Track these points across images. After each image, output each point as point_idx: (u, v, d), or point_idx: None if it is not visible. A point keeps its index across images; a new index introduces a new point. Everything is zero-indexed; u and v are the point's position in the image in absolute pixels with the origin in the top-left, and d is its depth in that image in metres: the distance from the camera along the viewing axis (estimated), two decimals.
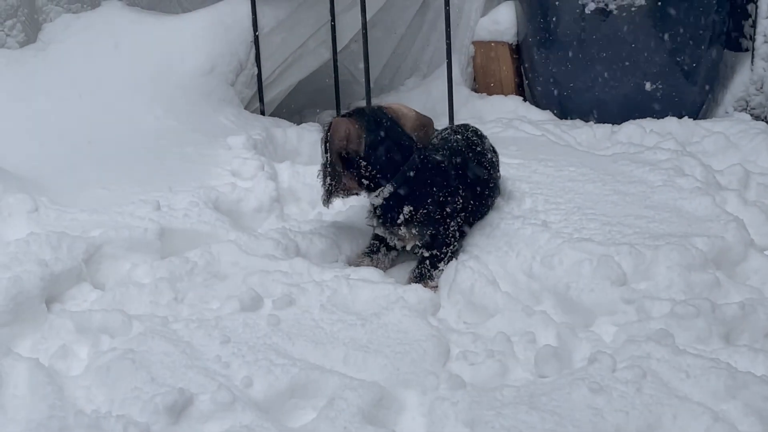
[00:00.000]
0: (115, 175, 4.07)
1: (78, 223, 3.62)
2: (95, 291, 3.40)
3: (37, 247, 3.37)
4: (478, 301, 3.35)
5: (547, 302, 3.37)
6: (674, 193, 3.87)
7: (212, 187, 4.05)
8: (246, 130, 4.62)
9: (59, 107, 4.50)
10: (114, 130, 4.45)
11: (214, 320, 3.12)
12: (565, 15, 5.11)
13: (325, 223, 3.95)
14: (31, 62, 4.67)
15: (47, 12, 4.86)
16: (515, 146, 4.46)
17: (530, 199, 3.86)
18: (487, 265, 3.51)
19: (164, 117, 4.63)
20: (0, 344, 2.96)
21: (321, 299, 3.26)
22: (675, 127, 4.85)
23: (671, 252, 3.36)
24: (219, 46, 4.99)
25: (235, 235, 3.76)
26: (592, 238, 3.52)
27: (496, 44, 5.56)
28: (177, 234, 3.70)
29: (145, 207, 3.75)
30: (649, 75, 5.08)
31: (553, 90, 5.31)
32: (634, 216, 3.70)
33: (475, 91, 5.64)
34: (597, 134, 4.86)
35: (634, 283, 3.32)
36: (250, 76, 5.14)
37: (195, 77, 4.88)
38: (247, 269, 3.49)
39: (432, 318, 3.25)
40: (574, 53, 5.16)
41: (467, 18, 5.63)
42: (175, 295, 3.33)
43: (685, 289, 3.27)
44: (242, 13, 5.09)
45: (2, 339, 3.02)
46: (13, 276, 3.16)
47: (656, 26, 5.01)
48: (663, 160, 4.23)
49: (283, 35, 5.21)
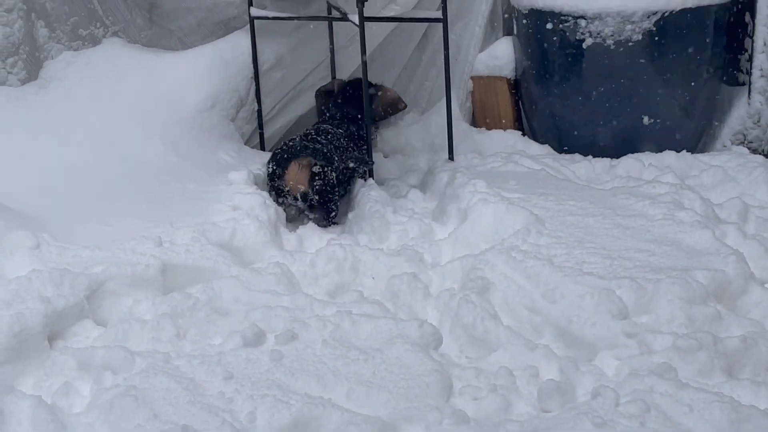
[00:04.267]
0: (116, 211, 4.08)
1: (80, 260, 3.63)
2: (97, 327, 3.41)
3: (39, 284, 3.38)
4: (480, 336, 3.36)
5: (549, 336, 3.38)
6: (674, 227, 3.89)
7: (214, 222, 4.07)
8: (247, 166, 4.64)
9: (60, 144, 4.51)
10: (115, 167, 4.46)
11: (217, 356, 3.12)
12: (562, 50, 5.14)
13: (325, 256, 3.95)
14: (32, 99, 4.69)
15: (48, 49, 4.88)
16: (515, 180, 4.48)
17: (531, 233, 3.87)
18: (488, 300, 3.52)
19: (165, 153, 4.64)
20: (2, 382, 2.96)
21: (323, 334, 3.26)
22: (673, 161, 4.87)
23: (672, 285, 3.38)
24: (219, 83, 5.02)
25: (237, 270, 3.77)
26: (593, 271, 3.54)
27: (495, 79, 5.59)
28: (179, 270, 3.71)
29: (146, 243, 3.77)
30: (647, 109, 5.11)
31: (551, 124, 5.34)
32: (635, 249, 3.71)
33: (474, 126, 5.67)
34: (596, 168, 4.89)
35: (636, 317, 3.33)
36: (251, 111, 5.16)
37: (196, 113, 4.90)
38: (250, 305, 3.50)
39: (434, 352, 3.25)
40: (571, 88, 5.19)
41: (465, 53, 5.66)
42: (178, 331, 3.34)
43: (686, 323, 3.29)
44: (242, 49, 5.12)
45: (5, 376, 3.02)
46: (15, 313, 3.16)
47: (653, 61, 5.04)
48: (662, 194, 4.25)
49: (283, 71, 5.24)
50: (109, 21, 5.08)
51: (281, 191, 4.42)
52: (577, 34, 5.05)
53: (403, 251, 4.02)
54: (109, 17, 5.08)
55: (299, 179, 4.37)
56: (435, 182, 4.74)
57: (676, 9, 4.95)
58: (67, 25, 4.93)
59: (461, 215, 4.22)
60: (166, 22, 5.24)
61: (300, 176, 4.37)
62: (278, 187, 4.42)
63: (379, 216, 4.31)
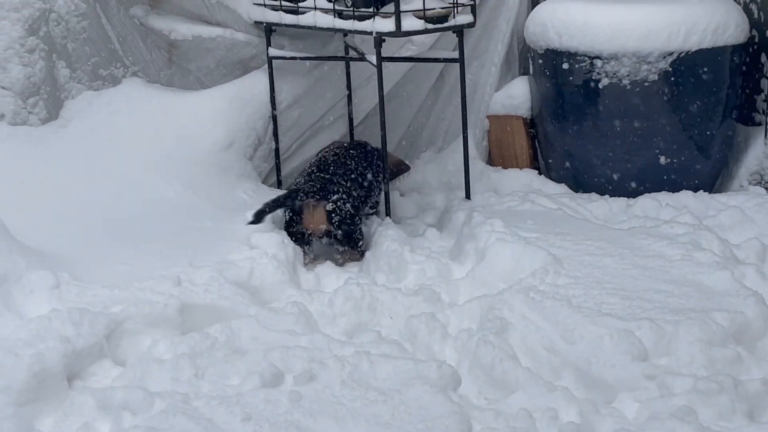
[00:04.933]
0: (135, 250, 4.10)
1: (99, 299, 3.64)
2: (116, 367, 3.41)
3: (59, 324, 3.39)
4: (498, 377, 3.35)
5: (569, 377, 3.36)
6: (693, 268, 3.88)
7: (232, 261, 4.08)
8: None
9: (80, 183, 4.54)
10: (134, 206, 4.50)
11: (235, 397, 3.12)
12: (578, 89, 5.16)
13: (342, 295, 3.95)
14: (52, 139, 4.73)
15: (69, 89, 4.93)
16: (532, 220, 4.49)
17: (549, 273, 3.87)
18: (507, 340, 3.51)
19: (184, 192, 4.67)
20: (22, 422, 2.96)
21: (342, 375, 3.26)
22: (690, 201, 4.87)
23: (692, 327, 3.37)
24: (237, 121, 5.06)
25: (255, 310, 3.78)
26: (612, 312, 3.53)
27: (511, 118, 5.61)
28: (197, 309, 3.72)
29: (165, 282, 3.78)
30: (663, 149, 5.12)
31: (567, 163, 5.35)
32: (654, 290, 3.71)
33: (490, 165, 5.68)
34: (613, 208, 4.89)
35: (655, 359, 3.32)
36: (268, 150, 5.19)
37: (214, 152, 4.94)
38: (268, 344, 3.50)
39: (453, 393, 3.24)
40: (588, 127, 5.20)
41: (482, 92, 5.69)
42: (196, 371, 3.33)
43: (706, 365, 3.27)
44: (260, 88, 5.16)
45: (25, 417, 3.02)
46: (35, 353, 3.17)
47: (669, 101, 5.06)
48: (680, 234, 4.25)
49: (300, 110, 5.28)
50: (129, 61, 5.13)
51: (303, 235, 4.47)
52: (593, 74, 5.07)
53: (420, 291, 4.02)
54: (129, 57, 5.13)
55: (318, 220, 4.43)
56: (452, 221, 4.75)
57: (692, 49, 4.97)
58: (88, 66, 4.98)
59: (478, 254, 4.22)
60: (185, 62, 5.29)
61: (317, 217, 4.43)
62: (298, 232, 4.47)
63: (397, 255, 4.31)
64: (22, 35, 4.74)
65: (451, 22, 4.70)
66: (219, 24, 5.19)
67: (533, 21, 5.36)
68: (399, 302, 3.93)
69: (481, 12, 5.49)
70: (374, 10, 4.58)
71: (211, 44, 5.19)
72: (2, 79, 4.72)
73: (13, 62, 4.73)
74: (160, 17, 5.19)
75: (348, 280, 4.17)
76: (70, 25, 4.91)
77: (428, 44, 5.45)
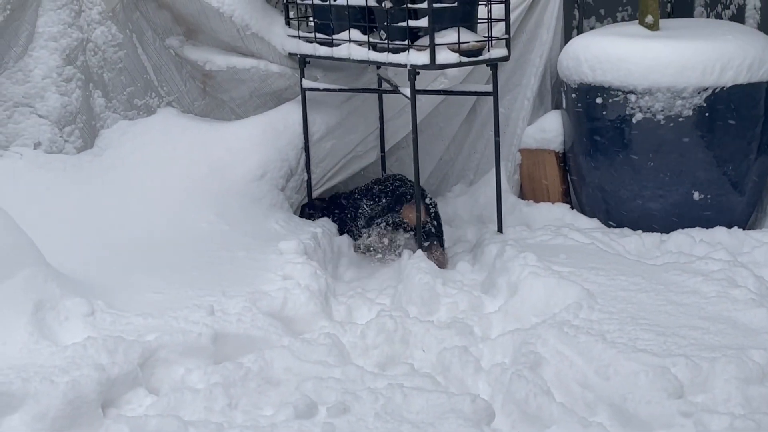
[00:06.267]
0: (168, 279, 4.12)
1: (133, 327, 3.66)
2: (150, 396, 3.42)
3: (94, 351, 3.40)
4: (532, 412, 3.33)
5: (603, 414, 3.33)
6: (728, 305, 3.86)
7: (265, 291, 4.09)
8: (296, 235, 4.68)
9: (114, 212, 4.58)
10: (167, 235, 4.52)
11: (269, 427, 3.12)
12: (611, 124, 5.15)
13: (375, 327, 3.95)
14: (87, 167, 4.78)
15: (104, 118, 4.98)
16: (565, 254, 4.47)
17: (583, 308, 3.85)
18: (541, 375, 3.49)
19: (216, 222, 4.70)
20: None
21: (375, 407, 3.25)
22: (725, 237, 4.84)
23: (728, 365, 3.34)
24: (270, 152, 5.09)
25: (288, 340, 3.78)
26: (647, 348, 3.51)
27: (543, 152, 5.61)
28: (230, 339, 3.72)
29: (198, 311, 3.79)
30: (697, 184, 5.10)
31: (600, 198, 5.33)
32: (689, 327, 3.68)
33: (522, 198, 5.67)
34: (646, 243, 4.86)
35: (692, 396, 3.29)
36: (300, 181, 5.21)
37: (246, 182, 4.97)
38: (301, 375, 3.50)
39: (487, 428, 3.22)
40: (621, 162, 5.19)
41: (514, 126, 5.70)
42: (230, 401, 3.34)
43: (743, 403, 3.24)
44: (293, 119, 5.19)
45: None
46: (71, 380, 3.19)
47: (703, 136, 5.04)
48: (715, 271, 4.22)
49: (333, 141, 5.30)
50: (163, 91, 5.18)
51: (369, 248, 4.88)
52: (627, 108, 5.06)
53: (453, 324, 4.01)
54: (163, 87, 5.18)
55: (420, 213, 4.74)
56: (484, 254, 4.74)
57: (727, 85, 4.96)
58: (124, 95, 5.03)
59: (511, 288, 4.21)
60: (219, 93, 5.33)
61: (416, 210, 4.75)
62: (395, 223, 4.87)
63: (429, 288, 4.31)
64: (59, 64, 4.80)
65: (486, 55, 4.71)
66: (253, 55, 5.23)
67: (567, 55, 5.37)
68: (431, 335, 3.92)
69: (515, 46, 5.50)
70: (409, 43, 4.60)
71: (245, 75, 5.22)
72: (39, 107, 4.77)
73: (50, 91, 4.79)
74: (195, 48, 5.24)
75: (380, 312, 4.16)
76: (106, 55, 4.96)
77: (461, 77, 5.47)
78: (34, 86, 4.77)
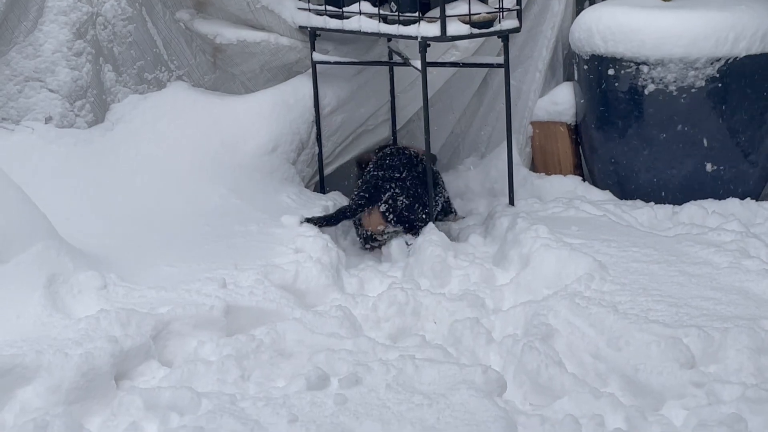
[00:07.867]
0: (181, 252, 4.13)
1: (146, 300, 3.67)
2: (163, 368, 3.44)
3: (107, 324, 3.42)
4: (544, 383, 3.33)
5: (615, 384, 3.34)
6: (741, 275, 3.85)
7: (276, 265, 4.09)
8: (308, 209, 4.68)
9: (126, 186, 4.58)
10: (179, 209, 4.53)
11: (282, 398, 3.13)
12: (624, 96, 5.13)
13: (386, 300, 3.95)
14: (98, 141, 4.77)
15: (115, 93, 4.97)
16: (576, 226, 4.46)
17: (595, 280, 3.85)
18: (552, 346, 3.50)
19: (228, 195, 4.70)
20: (71, 421, 2.99)
21: (387, 378, 3.26)
22: (737, 209, 4.82)
23: (740, 335, 3.34)
24: (281, 126, 5.08)
25: (300, 312, 3.79)
26: (659, 319, 3.51)
27: (555, 124, 5.59)
28: (243, 311, 3.74)
29: (211, 284, 3.81)
30: (710, 156, 5.07)
31: (612, 170, 5.31)
32: (701, 298, 3.67)
33: (533, 171, 5.66)
34: (658, 215, 4.85)
35: (703, 366, 3.29)
36: (311, 155, 5.20)
37: (258, 156, 4.96)
38: (313, 347, 3.51)
39: (498, 399, 3.22)
40: (633, 134, 5.17)
41: (525, 98, 5.67)
42: (242, 373, 3.36)
43: (755, 373, 3.24)
44: (304, 93, 5.17)
45: (74, 415, 3.05)
46: (84, 352, 3.20)
47: (716, 108, 5.01)
48: (727, 242, 4.21)
49: (344, 115, 5.28)
50: (174, 65, 5.17)
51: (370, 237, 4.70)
52: (639, 80, 5.04)
53: (464, 296, 4.01)
54: (174, 61, 5.17)
55: (375, 222, 4.61)
56: (495, 227, 4.73)
57: (740, 55, 4.93)
58: (134, 69, 5.02)
59: (523, 261, 4.21)
60: (230, 67, 5.32)
61: (373, 220, 4.60)
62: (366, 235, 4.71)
63: (440, 260, 4.31)
64: (69, 38, 4.78)
65: (497, 27, 4.69)
66: (264, 28, 5.21)
67: (578, 26, 5.34)
68: (443, 307, 3.93)
69: (526, 17, 5.47)
70: (419, 15, 4.58)
71: (256, 48, 5.21)
72: (50, 82, 4.77)
73: (60, 65, 4.78)
74: (205, 21, 5.22)
75: (392, 284, 4.17)
76: (116, 29, 4.95)
77: (472, 50, 5.44)
78: (45, 60, 4.76)
